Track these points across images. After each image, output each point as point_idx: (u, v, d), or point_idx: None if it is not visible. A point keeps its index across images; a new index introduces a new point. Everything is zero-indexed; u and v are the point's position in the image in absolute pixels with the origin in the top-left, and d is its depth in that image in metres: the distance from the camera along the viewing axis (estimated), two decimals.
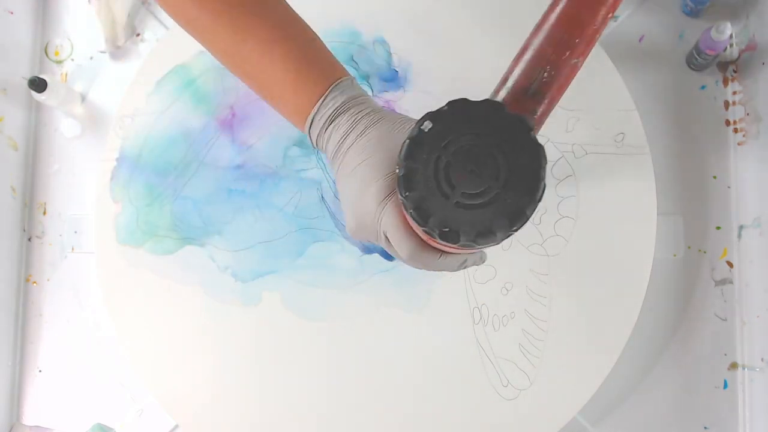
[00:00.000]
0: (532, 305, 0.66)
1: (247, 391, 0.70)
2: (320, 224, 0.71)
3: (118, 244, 0.76)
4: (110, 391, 0.82)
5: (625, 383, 0.70)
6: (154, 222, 0.75)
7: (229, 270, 0.72)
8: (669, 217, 0.71)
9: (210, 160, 0.74)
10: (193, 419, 0.72)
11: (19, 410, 0.85)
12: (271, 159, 0.73)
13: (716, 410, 0.69)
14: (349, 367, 0.68)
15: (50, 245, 0.87)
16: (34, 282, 0.87)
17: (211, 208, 0.73)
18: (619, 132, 0.67)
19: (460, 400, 0.66)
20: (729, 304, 0.69)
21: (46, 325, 0.86)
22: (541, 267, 0.66)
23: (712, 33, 0.65)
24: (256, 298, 0.71)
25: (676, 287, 0.70)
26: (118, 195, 0.77)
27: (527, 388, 0.65)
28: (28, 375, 0.86)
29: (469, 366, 0.66)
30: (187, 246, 0.74)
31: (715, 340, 0.69)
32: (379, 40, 0.73)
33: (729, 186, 0.71)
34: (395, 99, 0.71)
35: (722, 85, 0.72)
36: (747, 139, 0.70)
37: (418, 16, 0.72)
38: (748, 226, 0.69)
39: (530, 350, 0.65)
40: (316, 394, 0.69)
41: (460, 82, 0.70)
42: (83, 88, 0.88)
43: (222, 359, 0.71)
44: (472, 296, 0.67)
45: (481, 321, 0.66)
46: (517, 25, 0.70)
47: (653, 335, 0.70)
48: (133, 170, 0.77)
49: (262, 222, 0.72)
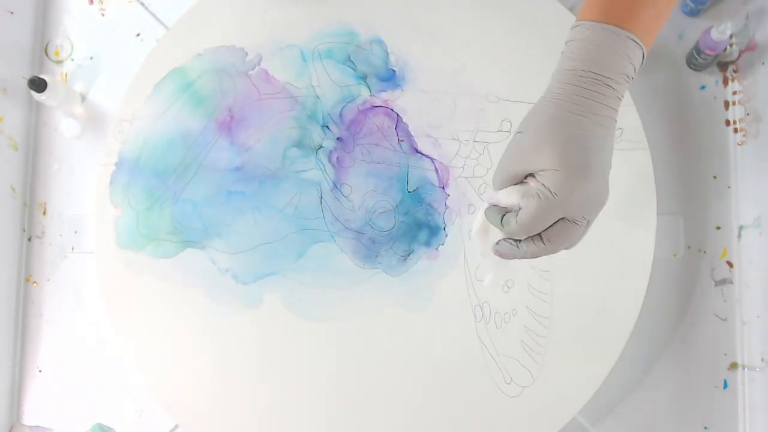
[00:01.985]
0: (534, 302, 0.66)
1: (248, 391, 0.70)
2: (320, 225, 0.71)
3: (118, 248, 0.76)
4: (110, 391, 0.82)
5: (625, 383, 0.70)
6: (154, 225, 0.75)
7: (230, 272, 0.72)
8: (669, 217, 0.70)
9: (209, 163, 0.74)
10: (193, 419, 0.72)
11: (19, 410, 0.86)
12: (270, 160, 0.73)
13: (716, 410, 0.69)
14: (350, 367, 0.68)
15: (50, 245, 0.87)
16: (34, 282, 0.87)
17: (211, 211, 0.74)
18: (617, 127, 0.67)
19: (463, 399, 0.66)
20: (729, 304, 0.69)
21: (46, 325, 0.86)
22: (542, 263, 0.66)
23: (712, 33, 0.65)
24: (256, 299, 0.71)
25: (676, 287, 0.70)
26: (117, 199, 0.77)
27: (530, 385, 0.65)
28: (28, 375, 0.86)
29: (471, 364, 0.66)
30: (188, 249, 0.74)
31: (715, 340, 0.69)
32: (377, 40, 0.73)
33: (729, 186, 0.71)
34: (393, 98, 0.71)
35: (722, 85, 0.72)
36: (747, 139, 0.70)
37: (415, 16, 0.72)
38: (748, 226, 0.69)
39: (533, 347, 0.65)
40: (317, 395, 0.69)
41: (457, 80, 0.70)
42: (83, 88, 0.88)
43: (222, 360, 0.72)
44: (473, 294, 0.67)
45: (483, 319, 0.66)
46: (514, 24, 0.70)
47: (653, 335, 0.70)
48: (132, 174, 0.77)
49: (262, 223, 0.72)
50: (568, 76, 0.46)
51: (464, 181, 0.68)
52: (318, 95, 0.73)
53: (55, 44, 0.90)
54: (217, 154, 0.74)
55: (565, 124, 0.45)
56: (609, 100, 0.46)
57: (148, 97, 0.78)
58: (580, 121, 0.45)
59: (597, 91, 0.45)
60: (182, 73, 0.77)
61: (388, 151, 0.70)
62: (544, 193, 0.45)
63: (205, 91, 0.76)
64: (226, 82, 0.75)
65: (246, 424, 0.70)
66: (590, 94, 0.45)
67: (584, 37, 0.46)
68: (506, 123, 0.68)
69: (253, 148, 0.73)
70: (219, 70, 0.76)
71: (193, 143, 0.75)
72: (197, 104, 0.76)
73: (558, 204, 0.45)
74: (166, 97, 0.77)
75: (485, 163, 0.68)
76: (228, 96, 0.75)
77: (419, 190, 0.69)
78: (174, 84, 0.77)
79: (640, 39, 0.46)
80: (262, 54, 0.75)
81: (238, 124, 0.74)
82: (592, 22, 0.46)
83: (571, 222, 0.47)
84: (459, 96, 0.70)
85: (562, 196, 0.45)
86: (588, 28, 0.46)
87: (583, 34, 0.46)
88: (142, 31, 0.87)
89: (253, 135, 0.74)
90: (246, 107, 0.74)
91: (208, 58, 0.77)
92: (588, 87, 0.45)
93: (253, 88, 0.75)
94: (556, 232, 0.47)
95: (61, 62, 0.89)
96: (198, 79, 0.76)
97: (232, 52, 0.76)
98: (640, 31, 0.46)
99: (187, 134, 0.76)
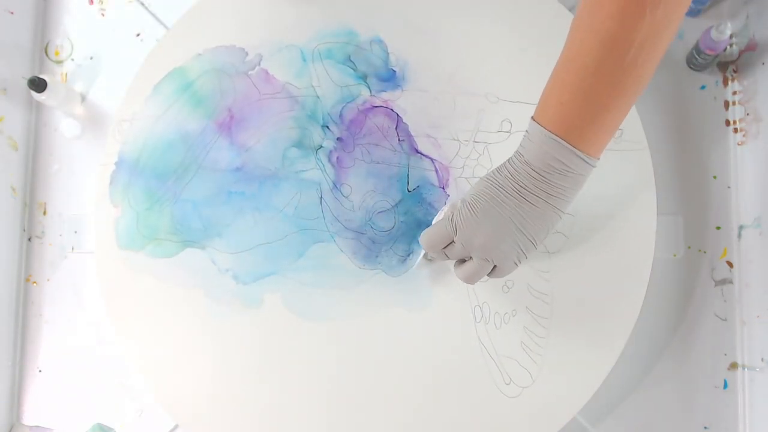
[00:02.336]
0: (534, 302, 0.66)
1: (248, 391, 0.70)
2: (320, 225, 0.71)
3: (118, 248, 0.76)
4: (110, 391, 0.82)
5: (625, 383, 0.70)
6: (154, 225, 0.75)
7: (230, 272, 0.72)
8: (669, 217, 0.70)
9: (209, 163, 0.74)
10: (193, 419, 0.72)
11: (19, 410, 0.86)
12: (270, 160, 0.73)
13: (716, 410, 0.69)
14: (350, 367, 0.68)
15: (50, 245, 0.87)
16: (34, 282, 0.87)
17: (211, 211, 0.74)
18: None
19: (463, 399, 0.66)
20: (729, 304, 0.69)
21: (46, 325, 0.86)
22: (542, 264, 0.66)
23: (712, 33, 0.65)
24: (257, 299, 0.71)
25: (676, 287, 0.70)
26: (117, 199, 0.77)
27: (530, 385, 0.65)
28: (28, 375, 0.86)
29: (471, 364, 0.66)
30: (188, 249, 0.74)
31: (715, 340, 0.69)
32: (376, 40, 0.73)
33: (729, 186, 0.71)
34: (393, 98, 0.71)
35: (722, 85, 0.72)
36: (747, 139, 0.70)
37: (415, 16, 0.72)
38: (748, 226, 0.69)
39: (532, 347, 0.65)
40: (317, 395, 0.69)
41: (457, 80, 0.70)
42: (83, 88, 0.88)
43: (222, 360, 0.72)
44: (473, 294, 0.67)
45: (483, 319, 0.66)
46: (514, 23, 0.70)
47: (653, 335, 0.70)
48: (132, 174, 0.77)
49: (262, 224, 0.72)
50: (515, 164, 0.52)
51: (464, 182, 0.68)
52: (318, 95, 0.73)
53: (55, 44, 0.90)
54: (216, 154, 0.74)
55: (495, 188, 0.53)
56: (541, 191, 0.51)
57: (147, 97, 0.78)
58: (506, 195, 0.53)
59: (536, 179, 0.51)
60: (182, 73, 0.77)
61: (388, 151, 0.70)
62: (447, 219, 0.56)
63: (204, 92, 0.76)
64: (225, 82, 0.75)
65: (246, 424, 0.70)
66: (523, 181, 0.52)
67: (534, 137, 0.51)
68: (506, 123, 0.68)
69: (253, 148, 0.73)
70: (219, 70, 0.76)
71: (192, 143, 0.75)
72: (197, 104, 0.76)
73: (451, 232, 0.56)
74: (165, 98, 0.77)
75: (485, 164, 0.68)
76: (228, 96, 0.75)
77: (419, 190, 0.69)
78: (174, 84, 0.77)
79: (590, 155, 0.50)
80: (262, 54, 0.75)
81: (238, 124, 0.74)
82: (542, 128, 0.50)
83: (463, 251, 0.56)
84: (459, 96, 0.70)
85: (458, 225, 0.55)
86: (537, 133, 0.51)
87: (534, 134, 0.51)
88: (142, 31, 0.87)
89: (252, 135, 0.74)
90: (246, 107, 0.74)
91: (207, 58, 0.77)
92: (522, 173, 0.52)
93: (253, 88, 0.75)
94: (452, 253, 0.57)
95: (61, 62, 0.89)
96: (198, 80, 0.76)
97: (231, 52, 0.76)
98: (587, 147, 0.50)
99: (186, 134, 0.76)
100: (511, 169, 0.52)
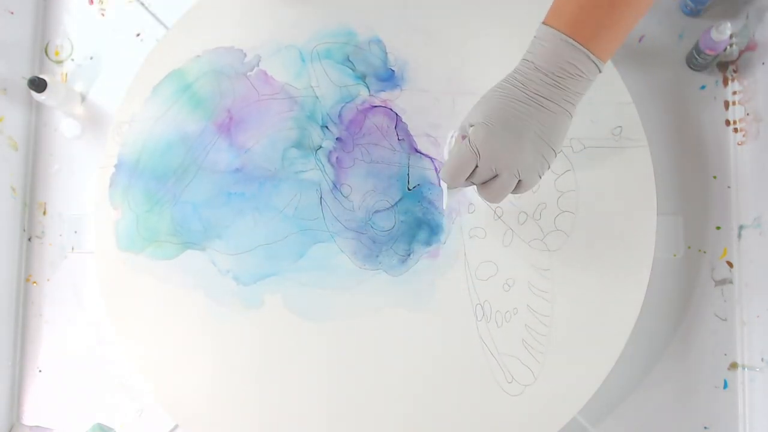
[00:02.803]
0: (535, 300, 0.66)
1: (248, 391, 0.70)
2: (320, 225, 0.71)
3: (118, 250, 0.76)
4: (110, 391, 0.82)
5: (625, 383, 0.70)
6: (154, 227, 0.75)
7: (230, 273, 0.72)
8: (669, 217, 0.70)
9: (208, 164, 0.74)
10: (193, 419, 0.72)
11: (19, 410, 0.86)
12: (269, 161, 0.73)
13: (716, 410, 0.69)
14: (351, 367, 0.68)
15: (50, 245, 0.87)
16: (34, 282, 0.87)
17: (211, 212, 0.74)
18: (616, 125, 0.67)
19: (465, 398, 0.66)
20: (729, 304, 0.69)
21: (46, 325, 0.86)
22: (543, 262, 0.66)
23: (712, 33, 0.65)
24: (257, 300, 0.71)
25: (676, 287, 0.70)
26: (117, 202, 0.77)
27: (532, 383, 0.65)
28: (28, 375, 0.86)
29: (472, 363, 0.66)
30: (188, 250, 0.74)
31: (715, 340, 0.69)
32: (375, 40, 0.73)
33: (729, 186, 0.71)
34: (392, 98, 0.71)
35: (722, 85, 0.72)
36: (747, 139, 0.70)
37: (414, 16, 0.72)
38: (748, 226, 0.69)
39: (534, 346, 0.65)
40: (318, 395, 0.69)
41: (456, 80, 0.70)
42: (83, 88, 0.88)
43: (223, 360, 0.72)
44: (474, 293, 0.67)
45: (484, 317, 0.66)
46: (513, 23, 0.70)
47: (653, 335, 0.70)
48: (131, 176, 0.77)
49: (262, 224, 0.72)
50: (525, 73, 0.53)
51: None
52: (317, 95, 0.73)
53: (55, 44, 0.90)
54: (216, 156, 0.74)
55: (508, 100, 0.53)
56: (555, 96, 0.52)
57: (147, 99, 0.78)
58: (521, 104, 0.52)
59: (550, 84, 0.52)
60: (181, 74, 0.77)
61: (388, 151, 0.70)
62: (465, 146, 0.54)
63: (203, 93, 0.76)
64: (224, 83, 0.75)
65: (246, 424, 0.70)
66: (536, 88, 0.52)
67: (548, 42, 0.52)
68: None
69: (252, 149, 0.73)
70: (217, 71, 0.76)
71: (192, 145, 0.75)
72: (196, 106, 0.76)
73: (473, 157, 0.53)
74: (165, 99, 0.77)
75: None
76: (227, 97, 0.75)
77: (419, 189, 0.69)
78: (173, 86, 0.77)
79: (599, 58, 0.51)
80: (260, 55, 0.75)
81: (237, 125, 0.74)
82: (557, 32, 0.51)
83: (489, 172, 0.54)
84: (458, 95, 0.70)
85: (479, 146, 0.53)
86: (551, 37, 0.51)
87: (547, 38, 0.52)
88: (142, 31, 0.87)
89: (252, 136, 0.74)
90: (245, 108, 0.74)
91: (206, 59, 0.77)
92: (535, 80, 0.52)
93: (252, 89, 0.75)
94: (477, 178, 0.55)
95: (61, 62, 0.89)
96: (197, 81, 0.76)
97: (230, 53, 0.76)
98: (600, 51, 0.51)
99: (186, 136, 0.76)
100: (521, 78, 0.53)
